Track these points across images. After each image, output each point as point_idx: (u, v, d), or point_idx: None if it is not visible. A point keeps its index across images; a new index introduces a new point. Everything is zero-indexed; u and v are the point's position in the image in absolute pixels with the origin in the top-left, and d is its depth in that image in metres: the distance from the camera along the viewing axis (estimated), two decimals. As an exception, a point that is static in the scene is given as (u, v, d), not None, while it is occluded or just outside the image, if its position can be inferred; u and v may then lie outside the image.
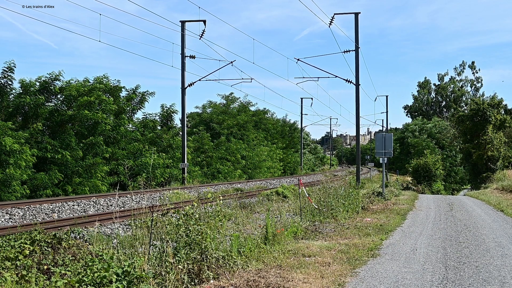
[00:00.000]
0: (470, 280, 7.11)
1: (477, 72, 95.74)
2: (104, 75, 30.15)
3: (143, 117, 34.81)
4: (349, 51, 29.23)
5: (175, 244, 6.91)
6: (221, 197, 8.51)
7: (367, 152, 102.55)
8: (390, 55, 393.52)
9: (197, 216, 7.12)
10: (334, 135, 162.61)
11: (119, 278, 5.73)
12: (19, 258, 6.58)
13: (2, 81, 24.97)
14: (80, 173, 24.89)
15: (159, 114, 36.53)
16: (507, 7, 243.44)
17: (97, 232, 9.93)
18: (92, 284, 5.57)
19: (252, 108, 55.83)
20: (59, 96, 27.32)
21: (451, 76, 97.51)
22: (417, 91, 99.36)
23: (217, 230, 7.62)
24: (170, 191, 22.13)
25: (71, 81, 28.19)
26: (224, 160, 40.20)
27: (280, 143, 59.67)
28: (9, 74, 24.93)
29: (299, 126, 66.28)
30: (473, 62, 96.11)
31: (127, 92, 32.66)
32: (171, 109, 37.06)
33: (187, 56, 31.01)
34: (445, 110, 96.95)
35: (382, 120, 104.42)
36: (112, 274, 5.72)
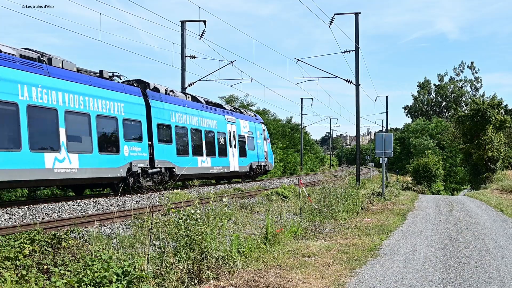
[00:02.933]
0: (470, 281, 7.10)
1: (476, 73, 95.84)
2: None
3: None
4: (349, 51, 29.24)
5: (175, 244, 6.90)
6: (226, 199, 8.49)
7: (367, 152, 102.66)
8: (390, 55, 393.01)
9: (198, 216, 7.11)
10: (334, 135, 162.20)
11: (119, 278, 5.73)
12: (19, 258, 6.59)
13: None
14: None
15: None
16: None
17: (97, 232, 9.93)
18: (92, 284, 5.57)
19: (253, 108, 55.87)
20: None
21: (451, 77, 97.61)
22: (417, 91, 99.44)
23: (217, 230, 7.62)
24: (170, 191, 22.10)
25: None
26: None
27: (280, 143, 59.68)
28: None
29: (299, 126, 66.35)
30: (472, 63, 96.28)
31: None
32: None
33: (187, 56, 30.99)
34: (445, 110, 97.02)
35: (382, 120, 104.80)
36: (112, 274, 5.72)
